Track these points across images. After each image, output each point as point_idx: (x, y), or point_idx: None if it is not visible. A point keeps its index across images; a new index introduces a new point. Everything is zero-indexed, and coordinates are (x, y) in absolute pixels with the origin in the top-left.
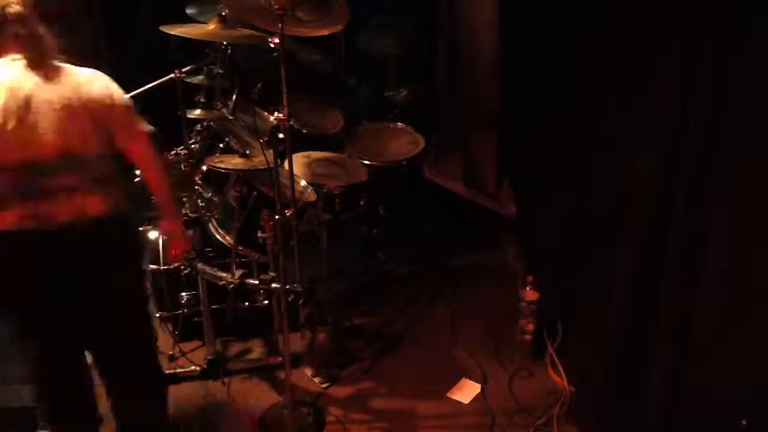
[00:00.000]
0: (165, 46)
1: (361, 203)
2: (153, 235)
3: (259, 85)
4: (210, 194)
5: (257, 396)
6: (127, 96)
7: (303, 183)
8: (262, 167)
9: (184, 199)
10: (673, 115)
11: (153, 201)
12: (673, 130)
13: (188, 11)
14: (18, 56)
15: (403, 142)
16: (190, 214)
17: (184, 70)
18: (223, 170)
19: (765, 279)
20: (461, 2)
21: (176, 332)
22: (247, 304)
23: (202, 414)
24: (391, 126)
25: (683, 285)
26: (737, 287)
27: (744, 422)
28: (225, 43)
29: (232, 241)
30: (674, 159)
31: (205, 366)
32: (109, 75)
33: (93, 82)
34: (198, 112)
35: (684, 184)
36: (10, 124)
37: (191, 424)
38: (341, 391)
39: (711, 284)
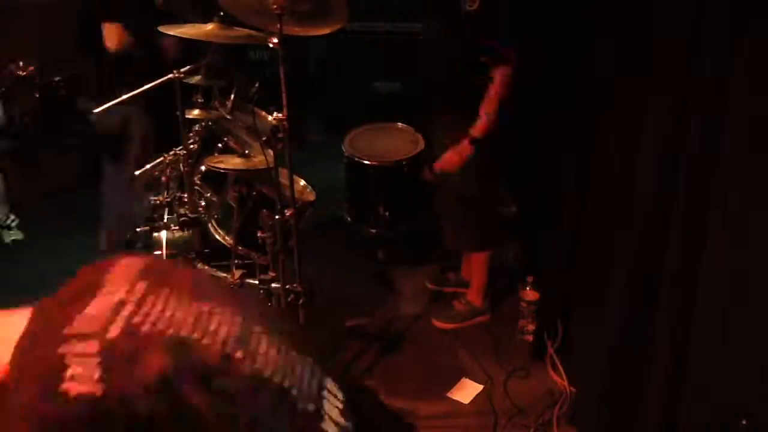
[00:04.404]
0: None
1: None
2: (155, 235)
3: (257, 85)
4: (210, 194)
5: None
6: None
7: (302, 183)
8: (261, 167)
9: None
10: (673, 115)
11: (153, 203)
12: (673, 130)
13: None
14: None
15: (403, 142)
16: (189, 215)
17: (182, 70)
18: (222, 170)
19: (765, 279)
20: None
21: None
22: None
23: None
24: (391, 126)
25: (683, 285)
26: (737, 287)
27: (744, 422)
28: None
29: (231, 241)
30: (674, 159)
31: None
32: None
33: None
34: (196, 112)
35: (684, 184)
36: None
37: None
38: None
39: (711, 284)
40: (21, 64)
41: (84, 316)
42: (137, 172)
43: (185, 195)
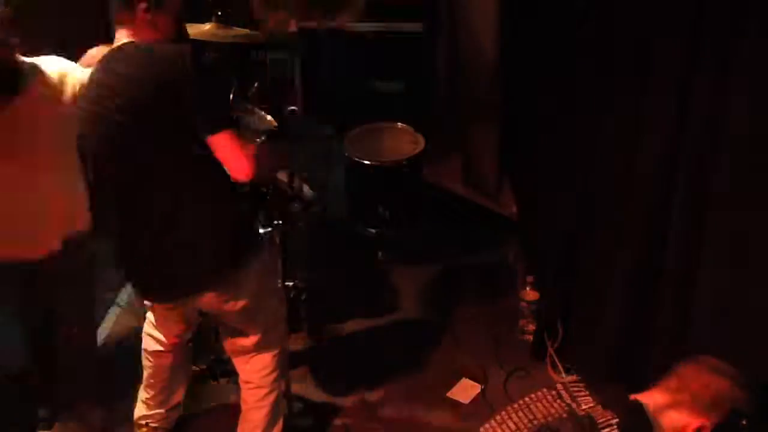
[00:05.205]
0: None
1: None
2: None
3: (256, 84)
4: None
5: None
6: None
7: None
8: None
9: None
10: (673, 115)
11: None
12: (673, 130)
13: None
14: None
15: (403, 142)
16: None
17: None
18: None
19: (765, 279)
20: (461, 3)
21: None
22: None
23: None
24: (391, 126)
25: (683, 285)
26: (737, 287)
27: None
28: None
29: None
30: (674, 159)
31: (205, 366)
32: None
33: None
34: None
35: (684, 184)
36: None
37: None
38: (341, 391)
39: (711, 284)
40: None
41: None
42: None
43: None
